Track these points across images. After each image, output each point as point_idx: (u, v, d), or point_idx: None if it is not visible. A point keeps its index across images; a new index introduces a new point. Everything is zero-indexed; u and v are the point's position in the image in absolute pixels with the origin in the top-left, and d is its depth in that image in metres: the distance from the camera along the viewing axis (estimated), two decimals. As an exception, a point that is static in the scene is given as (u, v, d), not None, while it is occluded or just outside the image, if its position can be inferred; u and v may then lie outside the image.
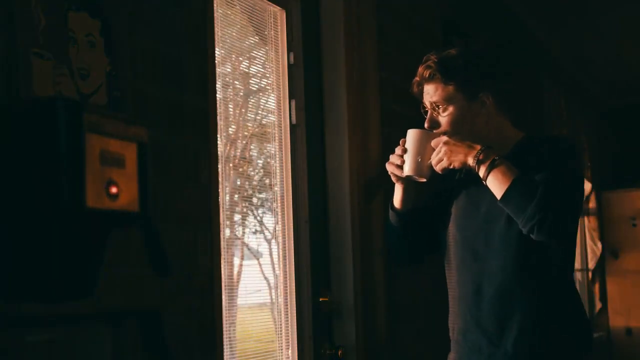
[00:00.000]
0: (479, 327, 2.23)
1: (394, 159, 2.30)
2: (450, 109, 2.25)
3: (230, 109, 2.68)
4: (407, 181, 2.32)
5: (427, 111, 2.30)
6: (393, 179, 2.34)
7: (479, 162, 2.16)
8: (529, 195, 2.07)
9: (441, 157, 2.19)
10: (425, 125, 2.28)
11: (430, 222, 2.40)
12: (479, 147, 2.18)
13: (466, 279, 2.26)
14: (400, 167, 2.28)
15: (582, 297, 8.02)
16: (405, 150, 2.27)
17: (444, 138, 2.21)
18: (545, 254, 2.18)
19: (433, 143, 2.23)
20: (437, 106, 2.27)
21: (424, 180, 2.28)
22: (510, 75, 4.75)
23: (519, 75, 5.29)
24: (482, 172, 2.16)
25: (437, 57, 2.27)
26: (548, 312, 2.19)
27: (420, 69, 2.30)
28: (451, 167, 2.19)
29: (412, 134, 2.28)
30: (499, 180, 2.13)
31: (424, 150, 2.25)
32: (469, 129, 2.25)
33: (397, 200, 2.38)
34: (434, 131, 2.28)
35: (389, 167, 2.31)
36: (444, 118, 2.26)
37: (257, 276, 2.82)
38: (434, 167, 2.22)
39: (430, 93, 2.27)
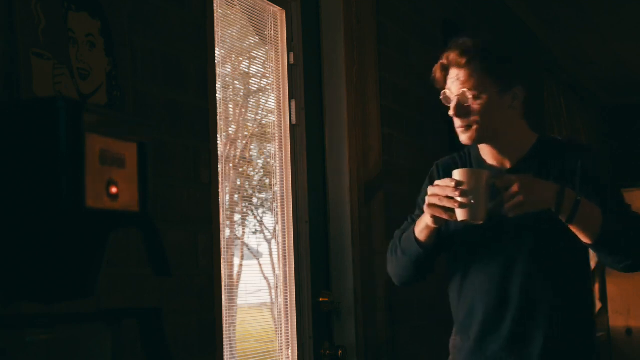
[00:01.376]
0: (501, 337, 2.11)
1: (444, 201, 1.97)
2: (483, 98, 2.08)
3: (230, 109, 2.68)
4: (444, 222, 2.05)
5: (448, 98, 2.11)
6: (431, 221, 2.03)
7: (564, 206, 1.96)
8: (621, 235, 1.98)
9: (520, 201, 1.92)
10: (451, 112, 2.10)
11: (440, 243, 2.20)
12: (556, 186, 1.97)
13: (488, 288, 2.13)
14: (451, 210, 1.97)
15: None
16: (460, 193, 1.95)
17: (513, 177, 1.95)
18: (572, 264, 2.11)
19: (500, 183, 1.95)
20: (468, 94, 2.08)
21: (481, 222, 2.00)
22: (538, 71, 4.65)
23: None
24: (564, 215, 1.97)
25: (473, 42, 2.09)
26: (572, 320, 2.11)
27: (452, 54, 2.10)
28: (529, 211, 1.95)
29: (465, 174, 1.98)
30: (586, 223, 1.98)
31: (481, 191, 1.96)
32: (496, 122, 2.10)
33: (423, 235, 2.09)
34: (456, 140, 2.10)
35: (434, 211, 1.99)
36: (474, 107, 2.08)
37: (257, 276, 2.82)
38: (508, 212, 1.95)
39: (462, 79, 2.08)
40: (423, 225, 2.09)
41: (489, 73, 2.08)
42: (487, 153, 2.19)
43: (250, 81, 2.90)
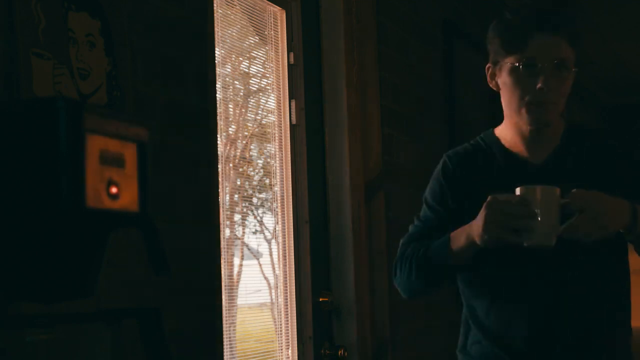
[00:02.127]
0: (550, 352, 1.89)
1: (511, 223, 1.72)
2: (570, 72, 1.85)
3: (230, 109, 2.68)
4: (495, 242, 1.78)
5: (536, 65, 1.82)
6: (482, 241, 1.76)
7: (637, 225, 1.75)
8: None
9: (603, 223, 1.71)
10: (540, 84, 1.82)
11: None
12: (627, 204, 1.75)
13: (533, 301, 1.90)
14: (516, 231, 1.72)
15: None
16: (529, 214, 1.71)
17: (590, 197, 1.71)
18: (615, 271, 1.95)
19: (576, 204, 1.70)
20: (558, 66, 1.82)
21: (550, 247, 1.76)
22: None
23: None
24: (633, 235, 1.78)
25: (562, 9, 1.88)
26: (615, 329, 1.96)
27: (548, 16, 1.84)
28: (607, 235, 1.74)
29: (535, 192, 1.74)
30: None
31: (552, 211, 1.72)
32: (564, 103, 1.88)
33: (462, 252, 1.84)
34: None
35: (499, 233, 1.73)
36: (559, 82, 1.84)
37: (257, 276, 2.82)
38: (586, 236, 1.73)
39: (554, 48, 1.82)
40: (467, 243, 1.81)
41: (575, 46, 1.86)
42: (515, 143, 1.95)
43: (250, 81, 2.90)
